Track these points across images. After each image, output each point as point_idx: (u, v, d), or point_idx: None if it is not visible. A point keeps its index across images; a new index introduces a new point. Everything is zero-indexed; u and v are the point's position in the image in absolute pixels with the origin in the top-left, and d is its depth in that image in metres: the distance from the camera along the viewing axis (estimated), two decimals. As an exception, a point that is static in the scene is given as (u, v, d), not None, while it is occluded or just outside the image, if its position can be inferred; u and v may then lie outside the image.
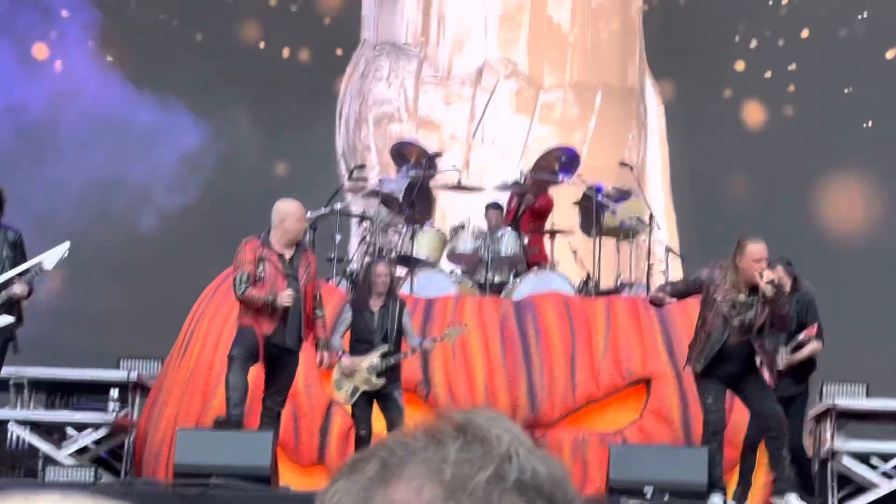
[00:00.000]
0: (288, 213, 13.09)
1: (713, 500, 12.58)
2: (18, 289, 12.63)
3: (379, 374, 12.97)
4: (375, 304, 13.14)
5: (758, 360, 12.59)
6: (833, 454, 14.30)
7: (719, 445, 12.72)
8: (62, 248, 12.85)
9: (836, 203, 21.28)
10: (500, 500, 1.84)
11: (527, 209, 16.30)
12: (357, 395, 12.99)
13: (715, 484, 12.63)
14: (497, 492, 1.84)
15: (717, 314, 12.41)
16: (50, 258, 12.71)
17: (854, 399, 15.01)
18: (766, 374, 12.76)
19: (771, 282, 12.22)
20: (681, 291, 12.80)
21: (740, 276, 12.38)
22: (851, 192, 21.19)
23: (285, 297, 12.55)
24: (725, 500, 12.70)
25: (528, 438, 1.92)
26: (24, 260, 12.74)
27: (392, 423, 12.66)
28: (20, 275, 12.66)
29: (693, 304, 14.33)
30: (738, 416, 13.89)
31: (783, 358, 13.23)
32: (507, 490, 1.84)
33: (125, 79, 21.09)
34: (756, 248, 12.36)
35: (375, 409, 13.03)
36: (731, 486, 13.38)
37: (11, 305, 12.77)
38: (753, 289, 12.39)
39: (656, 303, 12.95)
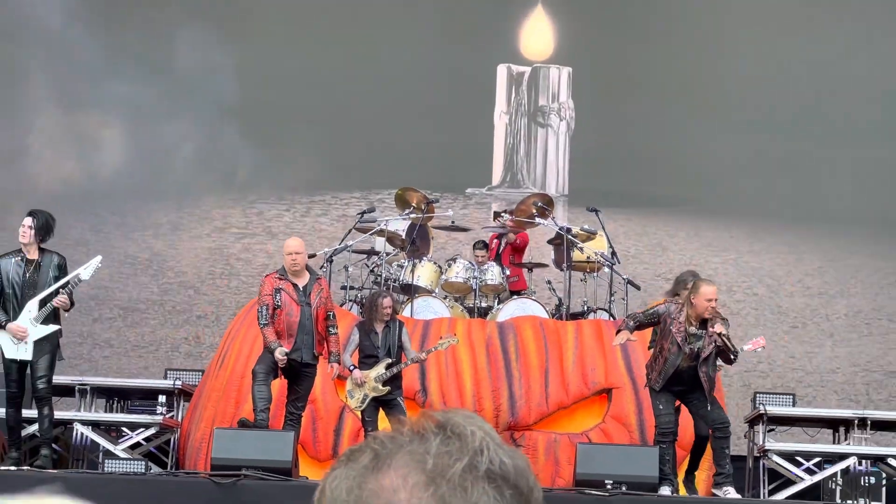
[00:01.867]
0: (284, 250, 13.40)
1: (663, 490, 12.66)
2: (60, 301, 12.72)
3: (384, 383, 13.07)
4: (379, 327, 13.22)
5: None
6: (764, 453, 14.31)
7: (669, 444, 12.79)
8: (96, 261, 13.06)
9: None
10: (473, 486, 1.84)
11: (507, 245, 16.38)
12: (367, 401, 13.10)
13: (665, 477, 12.73)
14: (470, 479, 1.84)
15: (673, 342, 12.55)
16: (87, 270, 12.88)
17: (782, 407, 15.04)
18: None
19: (720, 334, 12.48)
20: (642, 323, 12.85)
21: (693, 311, 12.56)
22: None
23: (279, 356, 12.77)
24: (673, 491, 12.77)
25: (498, 435, 1.90)
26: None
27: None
28: (62, 287, 12.74)
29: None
30: (684, 421, 14.09)
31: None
32: (478, 478, 1.84)
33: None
34: (709, 290, 12.59)
35: (381, 413, 13.15)
36: (679, 479, 13.60)
37: (56, 315, 12.89)
38: (703, 323, 12.61)
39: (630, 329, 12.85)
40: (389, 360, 13.13)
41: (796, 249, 20.20)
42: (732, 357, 12.67)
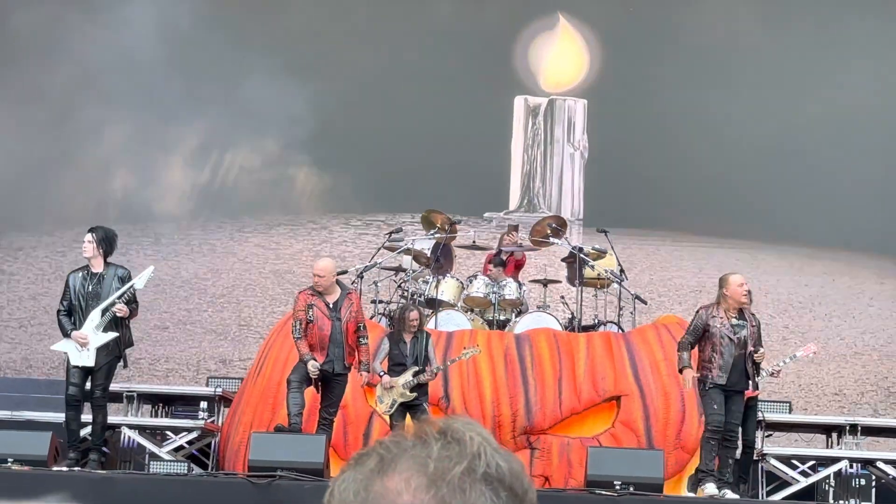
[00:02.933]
0: (312, 270, 13.38)
1: (708, 489, 12.52)
2: (119, 309, 12.75)
3: (412, 389, 13.10)
4: (408, 337, 13.25)
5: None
6: (763, 456, 14.26)
7: (717, 442, 12.63)
8: (149, 271, 13.10)
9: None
10: (471, 488, 1.84)
11: (510, 262, 16.28)
12: (395, 406, 13.11)
13: (709, 473, 12.56)
14: (469, 481, 1.84)
15: (723, 336, 12.50)
16: (141, 280, 12.90)
17: (779, 414, 15.06)
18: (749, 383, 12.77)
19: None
20: (692, 343, 12.70)
21: (731, 302, 12.55)
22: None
23: (312, 369, 12.75)
24: (719, 487, 12.59)
25: (494, 440, 1.89)
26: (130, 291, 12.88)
27: None
28: (119, 297, 12.76)
29: (652, 335, 14.52)
30: (690, 426, 14.03)
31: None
32: (476, 480, 1.84)
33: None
34: (737, 278, 12.65)
35: (408, 418, 13.19)
36: (681, 482, 13.52)
37: (117, 324, 12.88)
38: (740, 312, 12.60)
39: (688, 362, 12.66)
40: (416, 368, 13.13)
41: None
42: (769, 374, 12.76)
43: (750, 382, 12.71)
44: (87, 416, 13.36)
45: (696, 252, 20.25)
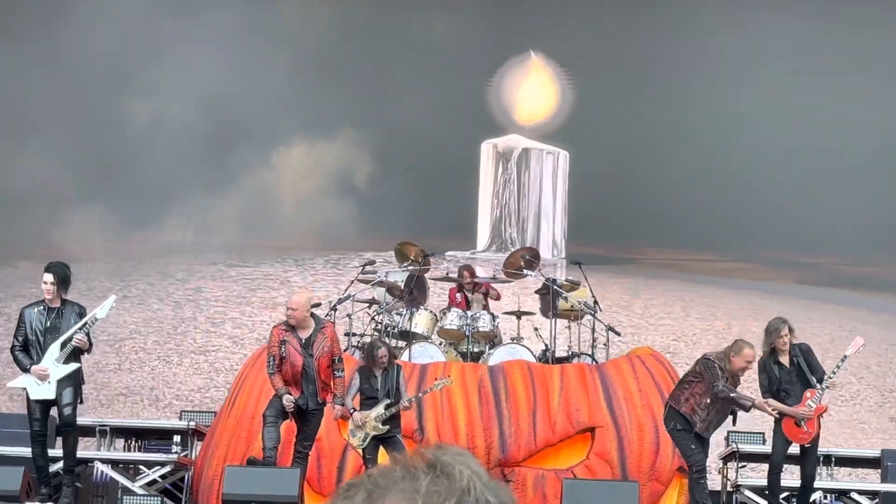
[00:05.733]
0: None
1: None
2: (79, 340, 12.61)
3: (384, 422, 13.02)
4: (378, 371, 13.17)
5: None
6: (737, 488, 14.29)
7: (705, 479, 12.71)
8: (110, 301, 12.99)
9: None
10: None
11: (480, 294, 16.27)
12: (368, 440, 13.02)
13: None
14: None
15: (723, 398, 12.52)
16: (102, 310, 12.79)
17: (754, 445, 15.03)
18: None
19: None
20: (725, 381, 12.57)
21: (731, 368, 12.48)
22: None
23: (287, 403, 12.67)
24: None
25: (486, 474, 1.86)
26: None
27: None
28: (81, 328, 12.63)
29: (627, 367, 14.49)
30: (664, 458, 14.01)
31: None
32: None
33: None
34: (750, 353, 12.55)
35: (382, 451, 13.05)
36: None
37: (77, 356, 12.76)
38: (733, 377, 12.56)
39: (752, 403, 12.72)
40: (388, 401, 13.05)
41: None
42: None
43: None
44: (56, 452, 13.24)
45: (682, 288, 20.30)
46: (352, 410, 13.04)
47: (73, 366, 12.72)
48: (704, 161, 20.44)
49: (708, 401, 12.56)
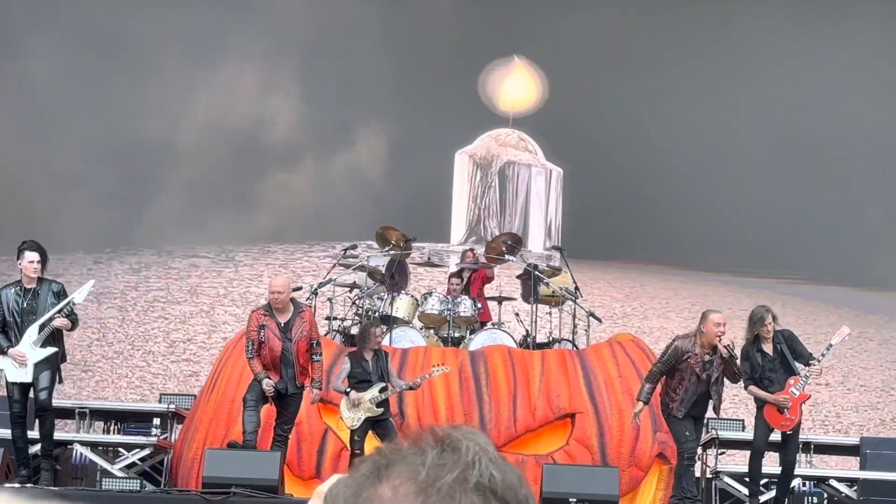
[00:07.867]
0: (268, 288, 13.27)
1: None
2: (59, 322, 12.55)
3: (378, 405, 13.06)
4: (369, 355, 13.18)
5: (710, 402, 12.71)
6: (717, 474, 14.33)
7: (693, 466, 12.78)
8: (89, 285, 12.93)
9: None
10: (462, 497, 1.80)
11: (477, 279, 16.23)
12: (361, 421, 13.03)
13: (694, 499, 12.65)
14: (459, 490, 1.80)
15: (692, 374, 12.51)
16: (80, 294, 12.71)
17: (733, 432, 15.05)
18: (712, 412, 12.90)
19: (727, 346, 12.45)
20: (662, 372, 12.64)
21: (705, 339, 12.50)
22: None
23: (267, 388, 12.67)
24: None
25: (495, 451, 1.85)
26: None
27: (389, 440, 12.59)
28: (59, 311, 12.57)
29: (607, 353, 14.50)
30: (644, 444, 14.01)
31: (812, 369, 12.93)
32: (467, 490, 1.80)
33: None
34: (717, 317, 12.56)
35: (370, 434, 13.03)
36: (635, 500, 13.49)
37: (55, 338, 12.72)
38: (713, 349, 12.58)
39: (647, 398, 12.64)
40: (382, 384, 13.05)
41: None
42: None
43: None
44: (35, 434, 13.20)
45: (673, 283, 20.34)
46: (346, 391, 13.04)
47: (51, 350, 12.64)
48: (693, 164, 20.50)
49: (675, 381, 12.60)
